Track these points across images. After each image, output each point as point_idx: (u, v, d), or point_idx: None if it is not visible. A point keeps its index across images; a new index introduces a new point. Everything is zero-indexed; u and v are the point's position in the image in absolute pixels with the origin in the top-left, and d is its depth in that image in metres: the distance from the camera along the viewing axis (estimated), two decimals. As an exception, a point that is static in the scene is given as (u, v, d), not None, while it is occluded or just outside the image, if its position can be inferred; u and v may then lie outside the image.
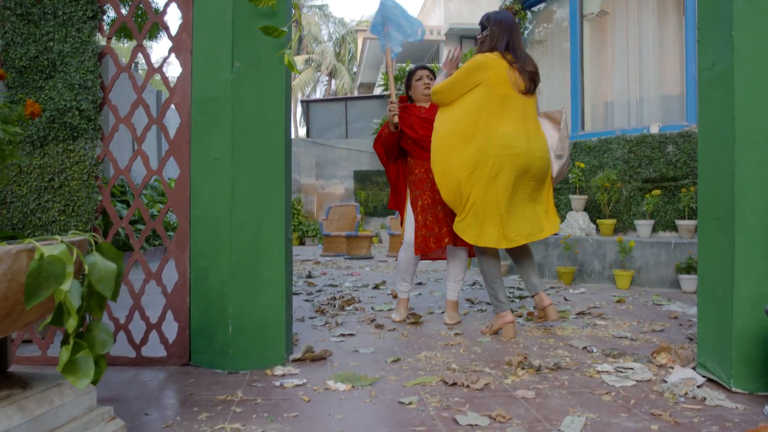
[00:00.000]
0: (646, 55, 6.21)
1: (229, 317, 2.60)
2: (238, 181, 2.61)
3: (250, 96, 2.63)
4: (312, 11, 31.70)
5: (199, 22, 2.69)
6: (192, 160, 2.69)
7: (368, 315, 3.89)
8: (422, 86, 3.82)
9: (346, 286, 5.45)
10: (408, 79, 3.95)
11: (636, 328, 3.42)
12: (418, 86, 3.85)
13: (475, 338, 3.22)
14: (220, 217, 2.63)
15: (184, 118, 2.71)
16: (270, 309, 2.65)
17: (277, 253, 2.65)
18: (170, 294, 2.71)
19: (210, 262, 2.65)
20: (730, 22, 2.24)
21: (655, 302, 4.37)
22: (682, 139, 5.50)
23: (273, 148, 2.66)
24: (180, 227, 2.70)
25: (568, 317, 3.80)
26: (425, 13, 21.66)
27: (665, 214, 5.57)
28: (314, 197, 15.18)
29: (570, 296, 4.72)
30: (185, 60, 2.71)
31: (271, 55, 2.64)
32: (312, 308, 4.22)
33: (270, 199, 2.65)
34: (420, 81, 3.85)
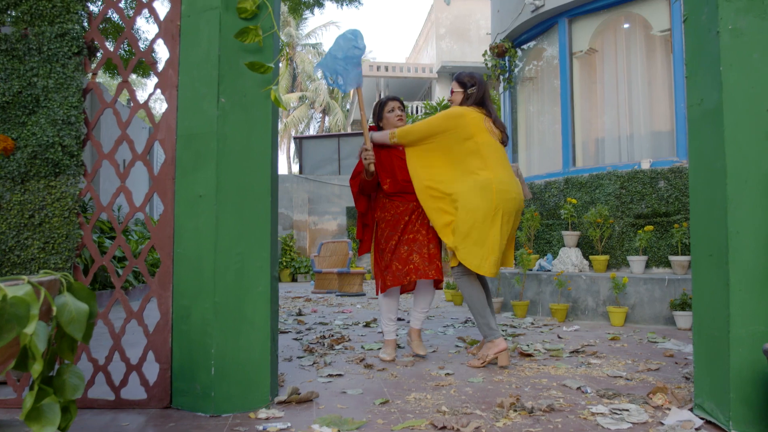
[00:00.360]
0: (636, 92, 6.26)
1: (211, 358, 2.52)
2: (223, 218, 2.56)
3: (235, 132, 2.60)
4: (306, 49, 32.10)
5: (186, 57, 2.67)
6: (176, 196, 2.64)
7: (358, 354, 3.80)
8: (395, 118, 3.78)
9: (336, 324, 5.35)
10: (379, 109, 3.85)
11: (631, 367, 3.34)
12: (391, 118, 3.78)
13: (467, 378, 3.13)
14: (203, 255, 2.57)
15: (169, 154, 2.67)
16: (254, 349, 2.57)
17: (261, 292, 2.59)
18: (152, 334, 2.63)
19: (192, 301, 2.58)
20: (717, 57, 2.23)
21: (650, 340, 4.30)
22: (674, 174, 5.50)
23: (259, 184, 2.61)
24: (163, 265, 2.64)
25: (562, 356, 3.72)
26: (417, 51, 21.98)
27: (658, 249, 5.54)
28: (307, 233, 15.12)
29: (564, 334, 4.64)
30: (171, 96, 2.69)
31: (258, 91, 2.62)
32: (301, 347, 4.13)
33: (255, 237, 2.59)
34: (393, 113, 3.79)
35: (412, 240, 3.65)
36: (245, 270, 2.57)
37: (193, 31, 2.66)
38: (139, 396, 2.64)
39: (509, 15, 7.28)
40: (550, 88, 7.06)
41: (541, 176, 6.87)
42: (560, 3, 6.48)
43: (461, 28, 18.89)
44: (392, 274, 3.59)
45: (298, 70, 31.65)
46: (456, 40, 18.78)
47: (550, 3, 6.57)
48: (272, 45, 2.66)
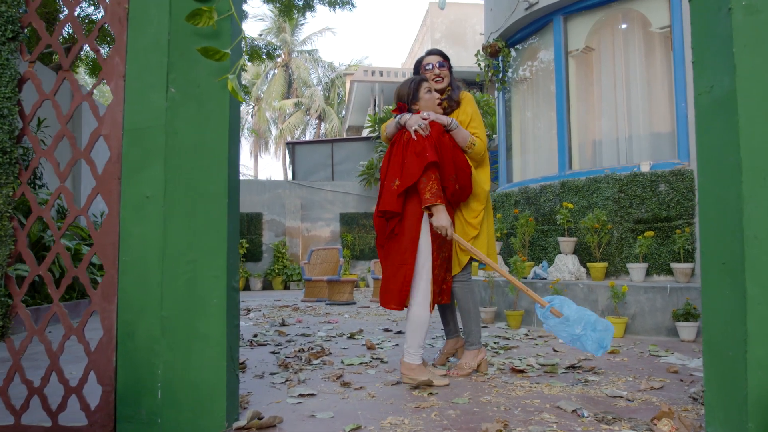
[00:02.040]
0: (634, 92, 5.99)
1: (158, 380, 2.23)
2: (171, 221, 2.28)
3: (187, 126, 2.32)
4: (302, 56, 31.89)
5: (134, 44, 2.39)
6: (122, 198, 2.35)
7: (336, 370, 3.51)
8: (434, 101, 3.30)
9: (319, 336, 5.05)
10: (413, 89, 3.28)
11: (632, 385, 3.05)
12: (431, 100, 3.29)
13: (451, 399, 2.84)
14: (149, 264, 2.28)
15: (115, 151, 2.38)
16: (207, 369, 2.28)
17: (216, 304, 2.30)
18: (93, 352, 2.34)
19: (138, 316, 2.29)
20: (729, 38, 1.96)
21: (652, 353, 4.01)
22: (675, 177, 5.22)
23: (214, 184, 2.33)
24: (107, 275, 2.34)
25: (557, 372, 3.43)
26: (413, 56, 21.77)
27: (659, 256, 5.25)
28: (299, 240, 14.83)
29: (559, 346, 4.34)
30: (117, 86, 2.40)
31: (213, 80, 2.34)
32: (276, 362, 3.83)
33: (209, 243, 2.31)
34: (431, 94, 3.30)
35: (447, 258, 3.33)
36: (198, 280, 2.29)
37: (142, 13, 2.38)
38: (79, 422, 2.34)
39: (502, 13, 7.02)
40: (545, 89, 6.79)
41: (536, 180, 6.59)
42: (555, 0, 6.21)
43: (456, 32, 18.69)
44: (446, 293, 3.35)
45: (294, 76, 31.45)
46: (451, 44, 18.57)
47: (545, 0, 6.30)
48: (229, 29, 2.38)
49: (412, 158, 3.03)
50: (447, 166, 3.12)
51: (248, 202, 14.61)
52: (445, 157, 3.11)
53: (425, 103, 3.28)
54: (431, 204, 2.99)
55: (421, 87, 3.30)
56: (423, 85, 3.31)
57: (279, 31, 30.50)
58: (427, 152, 3.00)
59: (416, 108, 3.28)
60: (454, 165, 3.15)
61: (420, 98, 3.28)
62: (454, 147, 3.22)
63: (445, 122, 3.21)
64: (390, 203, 3.06)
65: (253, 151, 33.28)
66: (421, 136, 3.06)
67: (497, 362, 3.71)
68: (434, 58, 3.50)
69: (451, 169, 3.14)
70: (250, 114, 32.34)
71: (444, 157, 3.11)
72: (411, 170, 3.02)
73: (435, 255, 3.15)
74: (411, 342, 3.14)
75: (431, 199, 2.98)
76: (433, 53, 3.53)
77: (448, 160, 3.12)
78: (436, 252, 3.17)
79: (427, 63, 3.50)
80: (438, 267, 3.20)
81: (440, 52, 3.54)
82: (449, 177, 3.13)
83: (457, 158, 3.21)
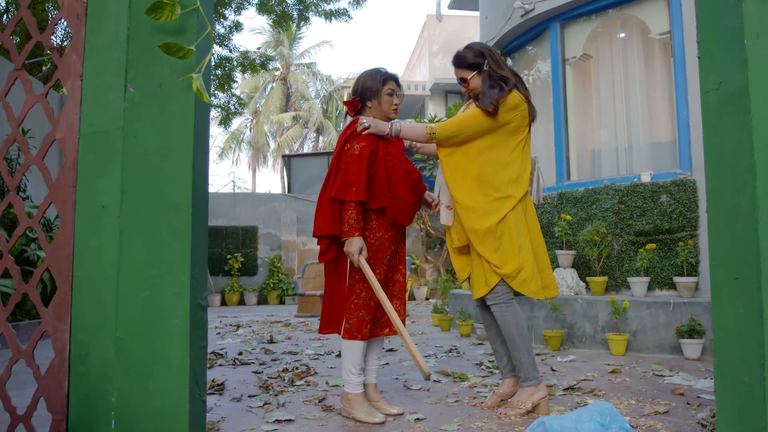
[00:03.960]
0: (634, 99, 5.81)
1: (111, 408, 2.02)
2: (129, 233, 2.08)
3: (147, 128, 2.12)
4: (300, 69, 31.84)
5: (92, 41, 2.20)
6: (77, 207, 2.15)
7: (319, 393, 3.29)
8: (392, 105, 2.95)
9: (306, 354, 4.83)
10: (380, 83, 2.93)
11: (635, 409, 2.84)
12: (388, 103, 2.95)
13: (439, 425, 2.63)
14: (105, 280, 2.07)
15: (70, 156, 2.18)
16: (168, 396, 2.07)
17: (179, 324, 2.09)
18: (43, 377, 2.12)
19: (92, 337, 2.08)
20: (740, 29, 1.77)
21: (656, 372, 3.79)
22: (677, 187, 5.03)
23: (177, 193, 2.13)
24: (59, 292, 2.14)
25: (555, 394, 3.22)
26: (411, 69, 21.69)
27: (661, 270, 5.05)
28: (295, 254, 14.62)
29: (557, 365, 4.13)
30: (74, 86, 2.21)
31: (176, 80, 2.14)
32: (257, 383, 3.61)
33: (171, 257, 2.10)
34: (391, 97, 2.95)
35: (392, 281, 2.98)
36: (158, 298, 2.08)
37: (101, 8, 2.20)
38: (27, 455, 2.13)
39: (498, 21, 6.87)
40: (542, 97, 6.61)
41: (533, 191, 6.39)
42: (551, 6, 6.06)
43: (454, 44, 18.55)
44: (378, 321, 2.90)
45: (292, 89, 31.36)
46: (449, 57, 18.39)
47: (541, 7, 6.15)
48: (195, 25, 2.19)
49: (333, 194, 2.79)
50: (400, 180, 2.87)
51: (243, 215, 14.42)
52: (395, 172, 2.86)
53: (380, 104, 2.95)
54: (347, 237, 2.74)
55: (386, 85, 2.96)
56: (389, 83, 2.96)
57: (277, 44, 30.43)
58: (353, 187, 2.75)
59: (370, 106, 2.96)
60: (388, 179, 2.84)
61: (380, 97, 2.94)
62: (387, 157, 2.87)
63: (383, 130, 2.85)
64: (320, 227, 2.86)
65: (252, 165, 33.12)
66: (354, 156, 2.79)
67: (490, 383, 3.50)
68: (394, 85, 3.02)
69: (403, 181, 2.88)
70: (248, 127, 32.23)
71: (393, 172, 2.86)
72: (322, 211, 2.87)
73: (361, 276, 2.81)
74: (345, 368, 2.89)
75: (348, 232, 2.73)
76: (394, 78, 3.03)
77: (397, 173, 2.87)
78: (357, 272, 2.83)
79: (389, 89, 2.99)
80: (365, 289, 2.80)
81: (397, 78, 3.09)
82: (402, 188, 2.87)
83: (393, 170, 2.87)
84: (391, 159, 2.87)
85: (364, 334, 2.80)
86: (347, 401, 2.83)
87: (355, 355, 2.84)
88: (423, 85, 18.65)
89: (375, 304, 2.83)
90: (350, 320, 2.82)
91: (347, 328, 2.82)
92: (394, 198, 2.85)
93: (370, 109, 2.97)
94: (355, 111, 3.01)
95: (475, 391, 3.33)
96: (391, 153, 2.89)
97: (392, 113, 2.98)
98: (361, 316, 2.80)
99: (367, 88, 2.96)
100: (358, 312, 2.81)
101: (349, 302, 2.83)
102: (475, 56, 2.96)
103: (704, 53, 1.95)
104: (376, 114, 2.96)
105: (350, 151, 2.80)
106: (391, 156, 2.88)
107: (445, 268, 10.86)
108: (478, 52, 2.96)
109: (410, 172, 2.92)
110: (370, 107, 2.97)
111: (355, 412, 2.77)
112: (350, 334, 2.81)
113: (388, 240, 2.88)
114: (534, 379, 2.82)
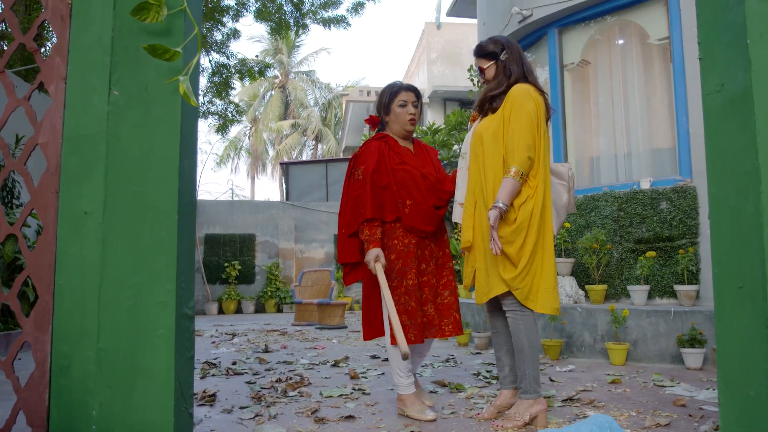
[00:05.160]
0: (633, 106, 5.75)
1: (92, 422, 1.95)
2: (112, 240, 2.01)
3: (132, 132, 2.06)
4: (299, 77, 31.84)
5: (76, 42, 2.14)
6: (60, 214, 2.09)
7: (312, 404, 3.21)
8: (407, 116, 3.02)
9: (301, 364, 4.75)
10: (388, 98, 3.06)
11: (636, 422, 2.76)
12: (402, 115, 3.02)
13: (434, 439, 2.55)
14: (87, 289, 2.01)
15: (53, 161, 2.12)
16: (152, 410, 1.99)
17: (163, 335, 2.02)
18: (23, 389, 2.06)
19: (73, 348, 2.01)
20: (743, 28, 1.71)
21: (656, 383, 3.71)
22: (677, 194, 4.97)
23: (162, 199, 2.06)
24: (40, 301, 2.07)
25: (553, 405, 3.14)
26: (410, 77, 21.67)
27: (662, 278, 4.98)
28: (293, 262, 14.53)
29: (556, 375, 4.05)
30: (57, 89, 2.15)
31: (162, 82, 2.08)
32: (250, 393, 3.53)
33: (156, 265, 2.03)
34: (405, 108, 3.03)
35: (425, 283, 3.07)
36: (141, 307, 2.01)
37: (86, 9, 2.14)
38: (6, 470, 2.06)
39: (495, 27, 6.82)
40: (540, 105, 6.56)
41: (531, 199, 6.33)
42: (549, 12, 6.01)
43: (453, 52, 18.57)
44: (417, 327, 2.94)
45: (291, 97, 31.37)
46: (447, 64, 18.46)
47: (539, 12, 6.10)
48: (182, 26, 2.13)
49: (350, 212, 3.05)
50: (422, 189, 3.01)
51: (241, 223, 14.34)
52: (412, 182, 3.00)
53: (395, 117, 3.06)
54: (367, 251, 2.91)
55: (396, 98, 3.05)
56: (400, 95, 3.05)
57: (276, 52, 30.44)
58: (361, 209, 2.95)
59: (387, 120, 3.11)
60: (399, 190, 2.99)
61: (391, 110, 3.06)
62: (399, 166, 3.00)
63: (513, 191, 2.69)
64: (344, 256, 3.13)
65: (250, 173, 33.08)
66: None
67: (487, 394, 3.42)
68: (410, 95, 3.09)
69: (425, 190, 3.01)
70: (247, 135, 32.21)
71: (410, 182, 2.99)
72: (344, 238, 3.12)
73: (397, 283, 2.96)
74: (393, 372, 3.01)
75: (367, 247, 2.91)
76: (409, 90, 3.10)
77: (416, 183, 3.00)
78: (398, 280, 2.96)
79: (401, 100, 3.06)
80: (403, 295, 2.95)
81: (415, 89, 3.14)
82: (395, 205, 2.99)
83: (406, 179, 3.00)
84: (403, 167, 2.98)
85: (408, 338, 2.87)
86: (401, 401, 2.96)
87: (397, 359, 2.94)
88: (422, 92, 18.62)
89: (413, 307, 2.94)
90: (390, 327, 2.92)
91: (392, 334, 2.87)
92: (413, 205, 2.97)
93: (389, 124, 3.11)
94: (376, 127, 3.17)
95: (471, 402, 3.25)
96: (404, 161, 3.00)
97: (409, 125, 3.07)
98: (403, 321, 2.88)
99: (381, 103, 3.12)
100: (400, 317, 2.86)
101: (384, 310, 2.96)
102: (493, 46, 2.93)
103: (705, 54, 1.89)
104: (395, 127, 3.09)
105: (357, 178, 2.98)
106: (403, 164, 2.99)
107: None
108: (498, 43, 2.93)
109: (427, 176, 3.01)
110: (388, 121, 3.11)
111: (409, 410, 2.89)
112: (393, 339, 2.89)
113: (415, 245, 3.00)
114: (534, 392, 2.74)
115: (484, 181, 2.80)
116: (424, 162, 3.10)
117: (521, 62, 2.91)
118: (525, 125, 2.71)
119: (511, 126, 2.74)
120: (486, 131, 2.84)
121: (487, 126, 2.86)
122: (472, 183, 2.89)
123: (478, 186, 2.84)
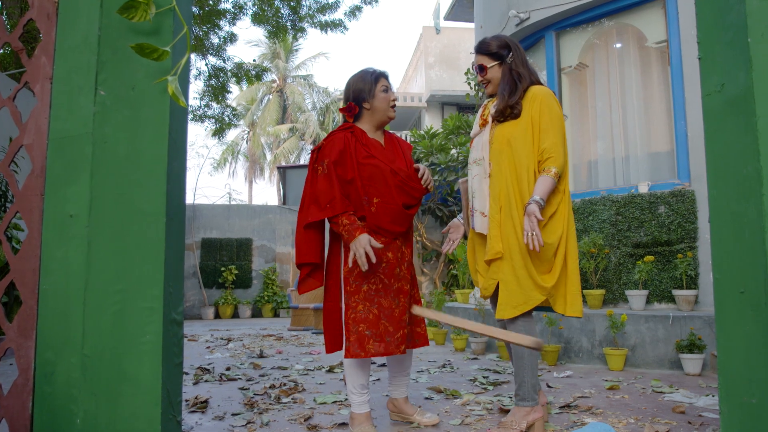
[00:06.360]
0: (631, 109, 5.72)
1: (76, 430, 1.89)
2: (97, 244, 1.96)
3: (118, 133, 2.01)
4: (296, 81, 31.82)
5: (63, 42, 2.10)
6: (45, 217, 2.04)
7: (305, 411, 3.16)
8: (390, 101, 2.82)
9: (296, 369, 4.70)
10: (371, 83, 2.81)
11: (635, 429, 2.71)
12: (385, 100, 2.82)
13: (429, 447, 2.50)
14: (71, 294, 1.96)
15: (38, 163, 2.07)
16: (138, 418, 1.94)
17: (150, 341, 1.96)
18: (6, 397, 2.00)
19: (58, 355, 1.96)
20: (743, 27, 1.67)
21: (655, 389, 3.66)
22: (675, 198, 4.93)
23: (149, 201, 2.01)
24: (24, 306, 2.02)
25: (550, 412, 3.09)
26: (407, 81, 21.67)
27: (660, 283, 4.93)
28: (290, 266, 14.47)
29: (554, 381, 4.00)
30: (43, 89, 2.10)
31: (150, 83, 2.04)
32: (243, 400, 3.48)
33: (143, 270, 1.98)
34: (387, 93, 2.83)
35: (398, 291, 2.74)
36: (127, 313, 1.96)
37: (73, 8, 2.10)
38: (-12, 480, 2.00)
39: (493, 30, 6.78)
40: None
41: (529, 203, 6.29)
42: (546, 15, 5.98)
43: (450, 56, 18.57)
44: (379, 337, 2.63)
45: (289, 101, 31.33)
46: (445, 68, 18.45)
47: (536, 16, 6.07)
48: (171, 25, 2.08)
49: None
50: (392, 186, 2.73)
51: (238, 227, 14.29)
52: (381, 177, 2.72)
53: (379, 103, 2.81)
54: (350, 242, 2.60)
55: (379, 82, 2.83)
56: (381, 80, 2.84)
57: (273, 56, 30.43)
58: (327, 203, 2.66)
59: (367, 107, 2.82)
60: (363, 185, 2.70)
61: (375, 96, 2.80)
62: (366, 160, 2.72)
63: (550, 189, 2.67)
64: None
65: (248, 177, 33.01)
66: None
67: (484, 401, 3.37)
68: (386, 82, 2.92)
69: (394, 187, 2.73)
70: (244, 139, 32.16)
71: (379, 178, 2.72)
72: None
73: (355, 288, 2.68)
74: (347, 387, 2.77)
75: (350, 238, 2.60)
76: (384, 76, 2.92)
77: (385, 179, 2.72)
78: (356, 284, 2.69)
79: (383, 85, 2.88)
80: (361, 302, 2.66)
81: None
82: (360, 202, 2.71)
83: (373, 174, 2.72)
84: (370, 161, 2.72)
85: (367, 350, 2.60)
86: (351, 419, 2.74)
87: (356, 373, 2.71)
88: (419, 96, 18.60)
89: (375, 316, 2.65)
90: (350, 337, 2.63)
91: (348, 347, 2.63)
92: (381, 203, 2.71)
93: (368, 111, 2.83)
94: (353, 117, 2.86)
95: (467, 409, 3.20)
96: (372, 155, 2.74)
97: (391, 111, 2.84)
98: (361, 330, 2.62)
99: (359, 89, 2.82)
100: (357, 327, 2.63)
101: (347, 318, 2.67)
102: (499, 46, 2.86)
103: (705, 54, 1.85)
104: (375, 116, 2.83)
105: (322, 173, 2.71)
106: (371, 158, 2.73)
107: (441, 280, 10.72)
108: (504, 44, 2.88)
109: (397, 171, 2.76)
110: (368, 109, 2.82)
111: (355, 430, 2.68)
112: (352, 352, 2.61)
113: (382, 249, 2.67)
114: (532, 401, 2.69)
115: (516, 185, 2.71)
116: (395, 156, 2.84)
117: (527, 64, 2.88)
118: (559, 128, 2.73)
119: (544, 128, 2.71)
120: (514, 137, 2.74)
121: (512, 131, 2.76)
122: (496, 190, 2.75)
123: (504, 192, 2.73)
